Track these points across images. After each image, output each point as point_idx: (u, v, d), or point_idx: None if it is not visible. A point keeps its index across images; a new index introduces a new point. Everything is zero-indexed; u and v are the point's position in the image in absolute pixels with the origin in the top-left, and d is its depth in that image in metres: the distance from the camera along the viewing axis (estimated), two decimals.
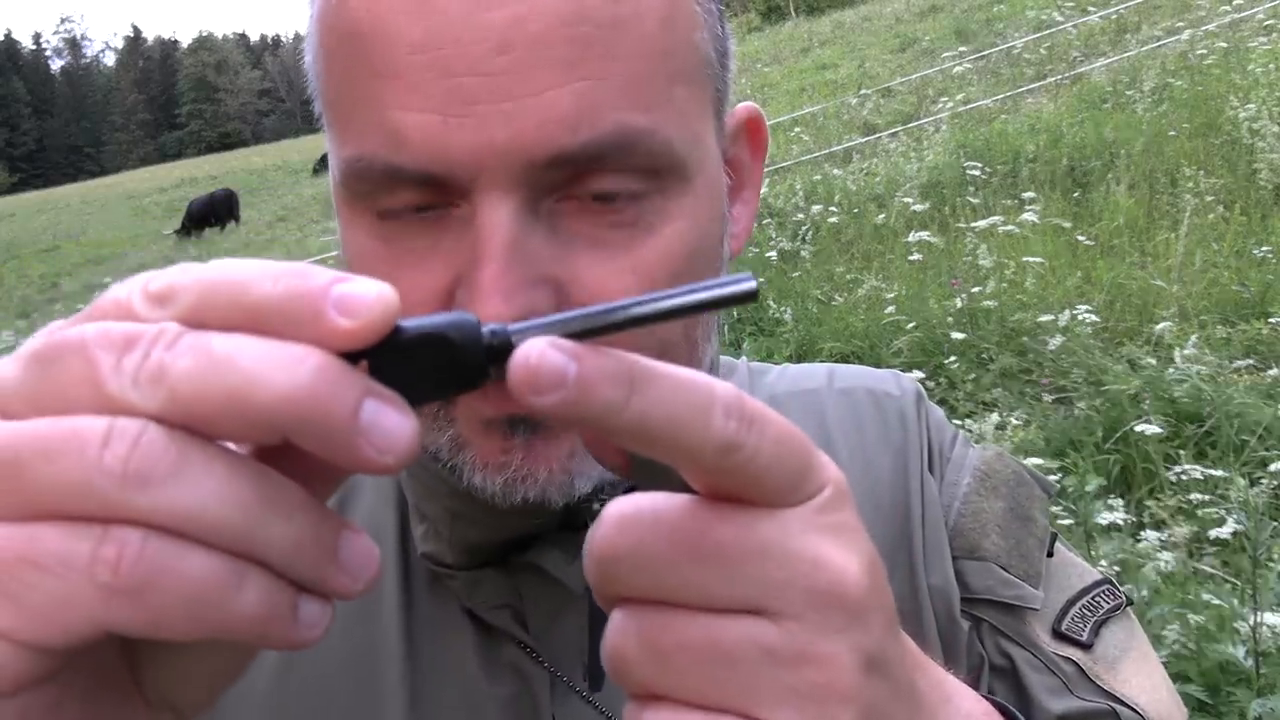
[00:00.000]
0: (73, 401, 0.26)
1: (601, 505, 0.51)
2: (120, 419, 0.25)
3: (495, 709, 0.54)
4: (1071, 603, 0.61)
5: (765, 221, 6.50)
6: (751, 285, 0.29)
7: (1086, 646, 0.60)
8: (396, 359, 0.27)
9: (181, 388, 0.25)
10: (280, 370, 0.25)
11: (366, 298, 0.26)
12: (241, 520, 0.26)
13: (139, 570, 0.25)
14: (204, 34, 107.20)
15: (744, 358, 0.74)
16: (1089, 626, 0.60)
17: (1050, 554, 0.63)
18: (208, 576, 0.25)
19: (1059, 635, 0.60)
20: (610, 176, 0.45)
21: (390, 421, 0.26)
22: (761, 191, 0.60)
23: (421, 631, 0.56)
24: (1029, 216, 5.09)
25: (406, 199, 0.46)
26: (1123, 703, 0.58)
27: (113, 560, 0.25)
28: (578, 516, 0.52)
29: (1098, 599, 0.62)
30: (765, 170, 0.60)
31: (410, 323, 0.27)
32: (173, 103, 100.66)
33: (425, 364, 0.27)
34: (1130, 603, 0.64)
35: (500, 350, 0.28)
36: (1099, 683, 0.59)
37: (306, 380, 0.25)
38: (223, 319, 0.26)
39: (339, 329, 0.26)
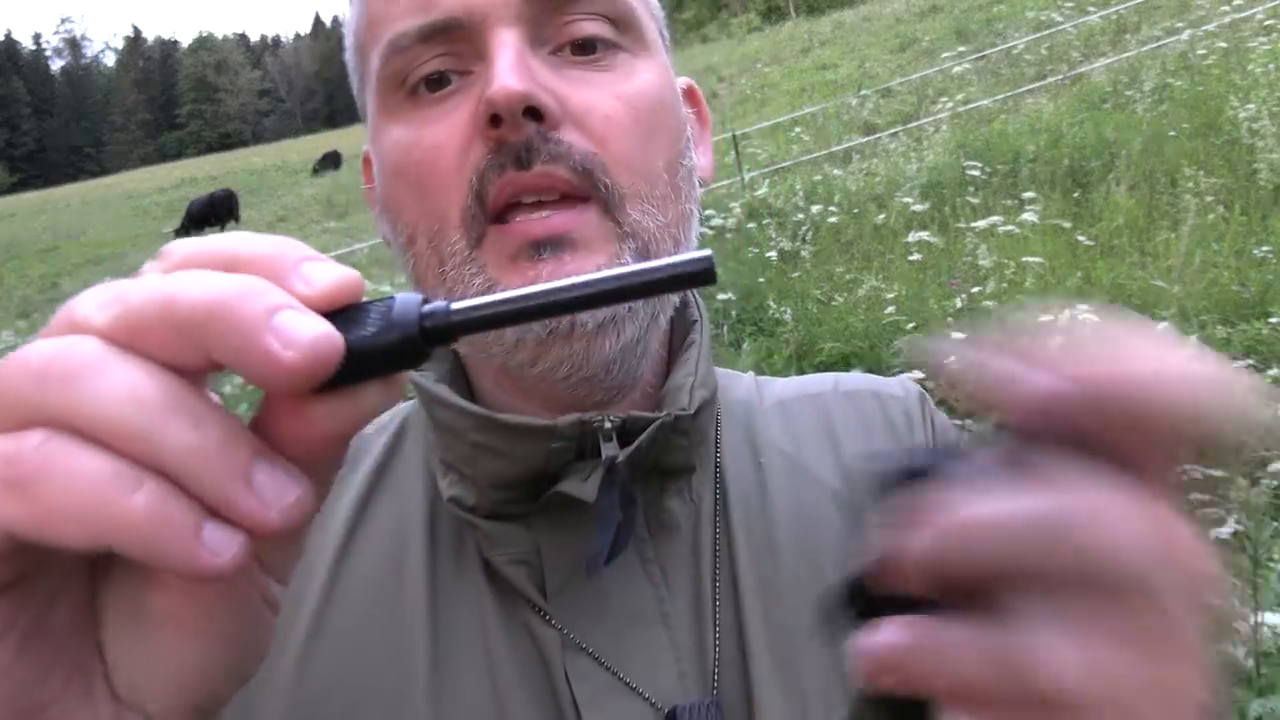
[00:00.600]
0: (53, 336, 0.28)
1: (613, 425, 0.54)
2: (67, 335, 0.28)
3: (511, 670, 0.55)
4: None
5: (765, 221, 6.51)
6: (708, 260, 0.28)
7: None
8: (343, 324, 0.28)
9: (132, 308, 0.27)
10: (211, 283, 0.27)
11: (330, 270, 0.29)
12: (140, 421, 0.26)
13: (32, 464, 0.26)
14: (204, 34, 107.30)
15: (750, 372, 0.75)
16: None
17: None
18: (98, 476, 0.26)
19: None
20: (585, 23, 0.56)
21: (306, 322, 0.27)
22: (761, 192, 0.62)
23: (445, 592, 0.57)
24: (1029, 216, 5.09)
25: (435, 63, 0.55)
26: None
27: (10, 456, 0.26)
28: (591, 439, 0.54)
29: None
30: (765, 170, 0.61)
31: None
32: (173, 103, 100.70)
33: (370, 336, 0.28)
34: None
35: (438, 322, 0.28)
36: None
37: (231, 290, 0.27)
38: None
39: (295, 293, 0.28)
